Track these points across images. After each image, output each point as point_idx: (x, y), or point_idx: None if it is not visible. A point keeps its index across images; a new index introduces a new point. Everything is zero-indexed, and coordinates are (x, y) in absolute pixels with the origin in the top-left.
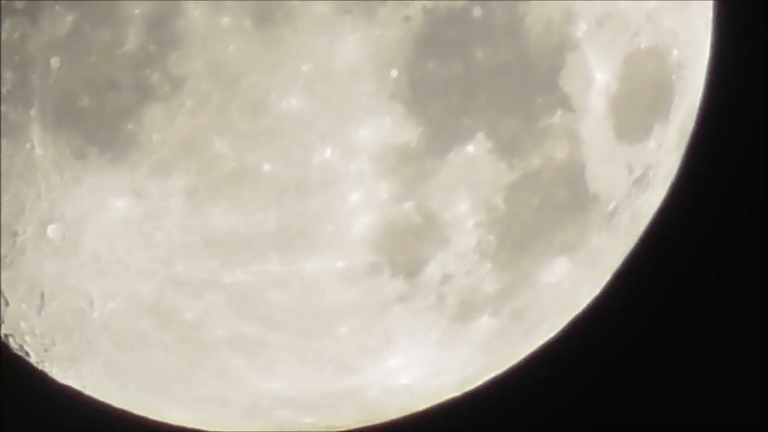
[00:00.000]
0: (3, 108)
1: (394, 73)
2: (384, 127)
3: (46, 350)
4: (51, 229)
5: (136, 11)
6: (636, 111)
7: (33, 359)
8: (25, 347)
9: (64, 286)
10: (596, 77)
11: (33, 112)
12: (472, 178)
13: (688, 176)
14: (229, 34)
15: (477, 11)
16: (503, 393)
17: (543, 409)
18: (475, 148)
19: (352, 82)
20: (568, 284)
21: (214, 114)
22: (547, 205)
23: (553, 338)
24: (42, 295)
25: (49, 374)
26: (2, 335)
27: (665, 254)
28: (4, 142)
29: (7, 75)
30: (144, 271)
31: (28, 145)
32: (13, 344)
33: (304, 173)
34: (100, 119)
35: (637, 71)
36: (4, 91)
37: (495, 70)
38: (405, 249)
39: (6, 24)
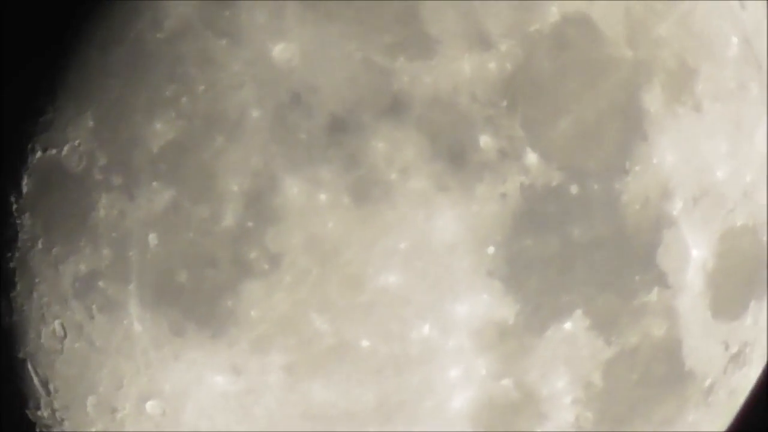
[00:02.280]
0: (101, 284)
1: (491, 249)
2: (482, 304)
3: None
4: (150, 405)
5: (234, 188)
6: (732, 288)
7: None
8: None
9: None
10: (693, 254)
11: (131, 288)
12: (570, 355)
13: None
14: (326, 210)
15: (574, 188)
16: None
17: None
18: (573, 325)
19: (450, 259)
20: None
21: (313, 290)
22: (645, 382)
23: None
24: None
25: None
26: None
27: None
28: (102, 318)
29: (105, 251)
30: None
31: (126, 321)
32: None
33: (402, 349)
34: (198, 295)
35: (733, 248)
36: (102, 267)
37: (592, 247)
38: (503, 424)
39: (104, 200)
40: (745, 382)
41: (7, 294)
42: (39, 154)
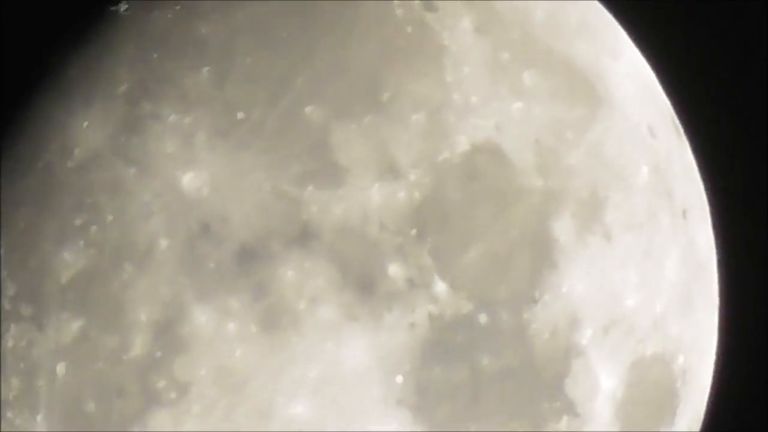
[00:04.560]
0: (9, 414)
1: (400, 378)
2: None
3: None
4: None
5: (143, 317)
6: (643, 416)
7: None
8: None
9: None
10: (601, 383)
11: (39, 418)
12: None
13: None
14: (235, 339)
15: (483, 318)
16: None
17: None
18: None
19: (359, 388)
20: None
21: (221, 420)
22: None
23: None
24: None
25: None
26: None
27: None
28: None
29: (13, 381)
30: None
31: None
32: None
33: None
34: (107, 425)
35: (642, 377)
36: (10, 397)
37: (501, 375)
38: None
39: (12, 330)
40: None
41: None
42: None
